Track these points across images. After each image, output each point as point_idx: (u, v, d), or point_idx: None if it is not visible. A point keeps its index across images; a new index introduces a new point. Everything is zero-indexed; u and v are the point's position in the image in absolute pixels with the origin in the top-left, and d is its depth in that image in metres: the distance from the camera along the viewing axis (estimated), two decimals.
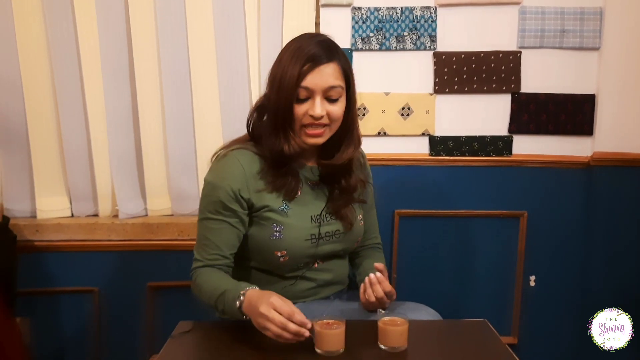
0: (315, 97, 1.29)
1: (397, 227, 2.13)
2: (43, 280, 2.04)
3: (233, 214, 1.33)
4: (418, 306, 1.38)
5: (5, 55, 2.00)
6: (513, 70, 2.07)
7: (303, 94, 1.28)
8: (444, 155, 2.11)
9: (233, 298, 1.21)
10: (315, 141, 1.33)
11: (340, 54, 1.33)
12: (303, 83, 1.27)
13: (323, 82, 1.28)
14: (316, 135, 1.32)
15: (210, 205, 1.33)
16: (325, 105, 1.30)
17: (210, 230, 1.34)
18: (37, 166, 2.06)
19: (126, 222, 2.08)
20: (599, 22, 2.04)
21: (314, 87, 1.28)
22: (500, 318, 2.19)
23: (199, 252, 1.36)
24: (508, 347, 1.22)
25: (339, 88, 1.31)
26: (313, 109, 1.28)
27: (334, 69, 1.30)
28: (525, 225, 2.14)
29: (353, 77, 1.36)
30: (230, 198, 1.32)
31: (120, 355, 2.12)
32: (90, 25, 1.99)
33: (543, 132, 2.11)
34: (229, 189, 1.31)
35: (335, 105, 1.31)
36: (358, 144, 1.41)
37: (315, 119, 1.29)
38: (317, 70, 1.28)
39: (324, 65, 1.28)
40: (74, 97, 2.04)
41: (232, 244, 1.36)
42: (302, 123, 1.31)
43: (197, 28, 2.01)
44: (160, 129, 2.09)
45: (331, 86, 1.29)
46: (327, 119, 1.31)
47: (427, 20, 2.04)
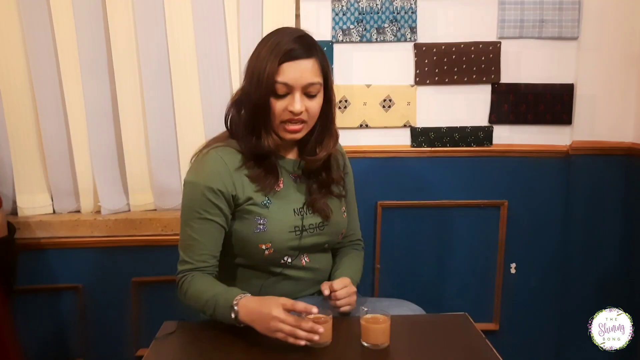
0: (294, 92, 1.29)
1: (380, 219, 2.15)
2: (26, 278, 2.02)
3: (219, 212, 1.33)
4: (400, 302, 1.40)
5: None
6: (493, 61, 2.08)
7: (282, 89, 1.28)
8: (426, 146, 2.13)
9: (225, 307, 1.23)
10: (293, 137, 1.34)
11: (318, 50, 1.33)
12: (282, 79, 1.27)
13: (302, 78, 1.29)
14: (294, 132, 1.33)
15: (195, 205, 1.33)
16: (305, 100, 1.31)
17: (197, 230, 1.33)
18: (16, 163, 2.04)
19: (109, 218, 2.08)
20: (577, 12, 2.05)
21: (294, 83, 1.28)
22: (481, 305, 2.23)
23: (186, 252, 1.35)
24: (487, 340, 1.25)
25: (318, 85, 1.32)
26: (293, 105, 1.29)
27: (312, 65, 1.30)
28: (505, 214, 2.17)
29: (331, 73, 1.37)
30: (216, 195, 1.32)
31: (106, 351, 2.13)
32: (67, 20, 1.95)
33: (523, 122, 2.13)
34: (214, 186, 1.31)
35: (314, 101, 1.32)
36: (337, 138, 1.44)
37: (295, 115, 1.30)
38: (296, 66, 1.28)
39: (303, 61, 1.29)
40: (52, 93, 2.02)
41: (219, 243, 1.36)
42: (281, 119, 1.31)
43: (176, 22, 1.99)
44: (141, 124, 2.08)
45: (310, 83, 1.29)
46: (306, 114, 1.32)
47: (408, 12, 2.04)
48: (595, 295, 2.16)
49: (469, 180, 2.16)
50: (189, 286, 1.33)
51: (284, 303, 1.17)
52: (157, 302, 2.08)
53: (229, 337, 1.25)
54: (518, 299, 2.23)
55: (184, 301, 1.36)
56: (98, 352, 2.13)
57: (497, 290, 2.22)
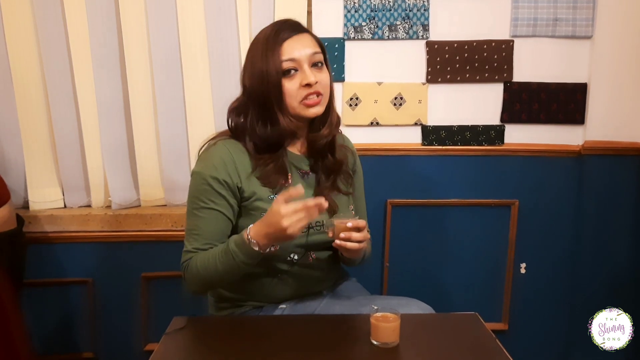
0: (302, 66, 1.31)
1: (390, 217, 2.14)
2: (37, 272, 2.04)
3: (224, 202, 1.33)
4: (410, 301, 1.39)
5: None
6: (505, 59, 2.07)
7: (290, 66, 1.30)
8: (436, 144, 2.12)
9: (241, 245, 1.24)
10: (316, 111, 1.34)
11: (309, 30, 1.38)
12: (287, 56, 1.30)
13: (305, 48, 1.32)
14: (315, 104, 1.33)
15: (200, 194, 1.33)
16: (315, 72, 1.32)
17: (202, 219, 1.33)
18: (28, 158, 2.06)
19: (119, 212, 2.09)
20: (591, 11, 2.03)
21: (299, 56, 1.31)
22: (491, 305, 2.22)
23: (189, 242, 1.35)
24: (498, 340, 1.24)
25: (320, 54, 1.35)
26: (306, 77, 1.30)
27: (309, 38, 1.35)
28: (516, 213, 2.15)
29: (325, 50, 1.39)
30: (220, 185, 1.32)
31: (115, 346, 2.14)
32: (80, 14, 1.96)
33: (535, 121, 2.12)
34: (219, 176, 1.32)
35: (322, 73, 1.35)
36: (338, 121, 1.43)
37: (311, 86, 1.31)
38: (296, 40, 1.32)
39: (300, 35, 1.33)
40: (64, 88, 2.03)
41: (224, 233, 1.35)
42: (299, 97, 1.32)
43: (188, 18, 1.99)
44: (152, 119, 2.09)
45: (314, 52, 1.33)
46: (320, 86, 1.32)
47: (420, 9, 2.03)
48: (606, 296, 2.14)
49: (479, 179, 2.15)
50: (194, 263, 1.31)
51: (280, 202, 1.18)
52: (166, 297, 2.09)
53: (238, 333, 1.26)
54: (528, 299, 2.22)
55: (191, 282, 1.34)
56: (107, 347, 2.14)
57: (506, 290, 2.21)
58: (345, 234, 1.28)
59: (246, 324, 1.23)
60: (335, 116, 1.42)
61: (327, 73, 1.36)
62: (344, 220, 1.29)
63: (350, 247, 1.29)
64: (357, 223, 1.29)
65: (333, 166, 1.44)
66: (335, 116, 1.42)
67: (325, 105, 1.36)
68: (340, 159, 1.45)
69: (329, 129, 1.39)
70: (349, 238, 1.28)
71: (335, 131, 1.42)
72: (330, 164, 1.43)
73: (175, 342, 1.26)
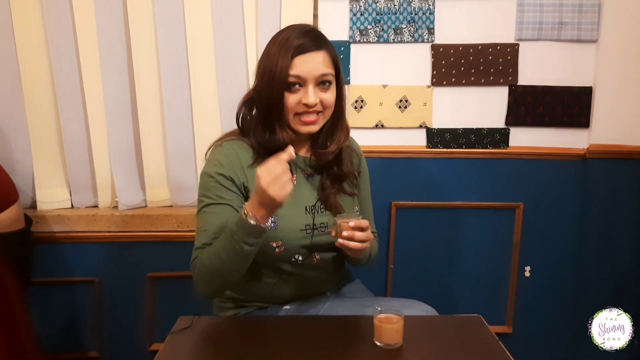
0: (307, 85, 1.30)
1: (394, 219, 2.15)
2: (43, 271, 2.06)
3: (231, 194, 1.33)
4: (413, 302, 1.40)
5: (3, 47, 2.00)
6: (510, 63, 2.07)
7: (295, 81, 1.30)
8: (441, 147, 2.12)
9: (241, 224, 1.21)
10: (309, 129, 1.34)
11: (327, 43, 1.35)
12: (294, 72, 1.29)
13: (314, 70, 1.30)
14: (310, 123, 1.34)
15: (208, 191, 1.33)
16: (318, 93, 1.32)
17: (210, 214, 1.32)
18: (37, 158, 2.07)
19: (126, 213, 2.10)
20: (597, 15, 2.04)
21: (306, 75, 1.29)
22: (495, 308, 2.22)
23: (199, 240, 1.33)
24: (501, 342, 1.25)
25: (330, 75, 1.33)
26: (307, 97, 1.30)
27: (323, 57, 1.32)
28: (521, 216, 2.16)
29: (340, 66, 1.38)
30: (227, 180, 1.33)
31: (120, 345, 2.16)
32: (89, 17, 1.98)
33: (540, 124, 2.12)
34: (226, 173, 1.33)
35: (328, 93, 1.33)
36: (348, 132, 1.44)
37: (309, 107, 1.31)
38: (308, 58, 1.30)
39: (314, 53, 1.30)
40: (72, 90, 2.05)
41: None
42: (295, 111, 1.32)
43: (195, 20, 2.01)
44: (159, 121, 2.10)
45: (322, 74, 1.31)
46: (321, 106, 1.33)
47: (425, 13, 2.04)
48: (611, 300, 2.12)
49: (484, 182, 2.15)
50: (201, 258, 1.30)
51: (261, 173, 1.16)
52: (172, 297, 2.11)
53: (243, 333, 1.27)
54: (532, 302, 2.22)
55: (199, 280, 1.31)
56: (112, 346, 2.16)
57: (510, 293, 2.21)
58: (347, 233, 1.28)
59: (250, 324, 1.24)
60: (344, 134, 1.41)
61: (333, 92, 1.35)
62: (346, 220, 1.30)
63: (353, 246, 1.29)
64: (360, 222, 1.30)
65: (339, 176, 1.44)
66: (344, 134, 1.41)
67: (323, 124, 1.36)
68: (346, 171, 1.45)
69: (336, 145, 1.39)
70: (351, 237, 1.29)
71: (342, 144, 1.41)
72: (335, 174, 1.44)
73: (180, 342, 1.27)
